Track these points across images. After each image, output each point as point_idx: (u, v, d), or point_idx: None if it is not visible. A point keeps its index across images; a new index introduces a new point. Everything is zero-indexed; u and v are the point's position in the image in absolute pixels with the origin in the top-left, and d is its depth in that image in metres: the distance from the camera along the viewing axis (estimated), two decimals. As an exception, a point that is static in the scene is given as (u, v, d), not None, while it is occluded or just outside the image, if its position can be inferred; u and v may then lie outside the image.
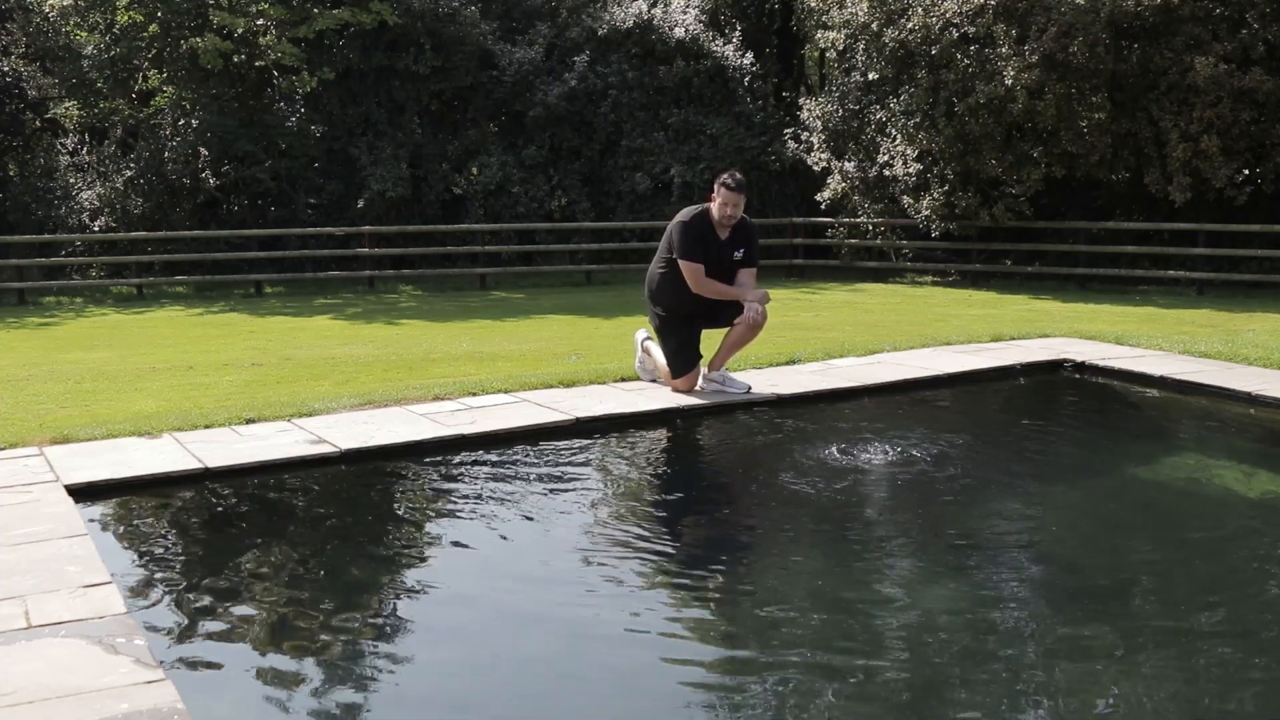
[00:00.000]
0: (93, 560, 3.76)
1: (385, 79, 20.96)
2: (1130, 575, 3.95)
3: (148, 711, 2.73)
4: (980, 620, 3.50)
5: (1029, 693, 3.05)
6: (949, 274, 18.76)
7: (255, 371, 9.12)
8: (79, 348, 11.63)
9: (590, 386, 6.60)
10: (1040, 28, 15.86)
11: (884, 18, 17.34)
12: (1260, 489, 5.05)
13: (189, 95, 20.50)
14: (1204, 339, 8.30)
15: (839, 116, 18.86)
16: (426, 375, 8.23)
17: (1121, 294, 16.04)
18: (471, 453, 5.36)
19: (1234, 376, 6.62)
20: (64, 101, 21.87)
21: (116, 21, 19.98)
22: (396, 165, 19.88)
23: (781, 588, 3.89)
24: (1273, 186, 16.01)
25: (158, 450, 5.20)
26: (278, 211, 20.09)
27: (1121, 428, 6.24)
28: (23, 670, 2.97)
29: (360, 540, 4.36)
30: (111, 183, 20.14)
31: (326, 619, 3.56)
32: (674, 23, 21.47)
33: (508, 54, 21.11)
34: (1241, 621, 3.47)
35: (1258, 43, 15.35)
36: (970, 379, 7.04)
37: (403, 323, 13.87)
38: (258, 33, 19.53)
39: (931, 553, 4.15)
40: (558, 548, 4.22)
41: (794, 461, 5.33)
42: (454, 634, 3.53)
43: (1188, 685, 3.09)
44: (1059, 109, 15.99)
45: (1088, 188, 17.86)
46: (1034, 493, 4.97)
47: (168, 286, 18.53)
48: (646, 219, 19.76)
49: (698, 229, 6.37)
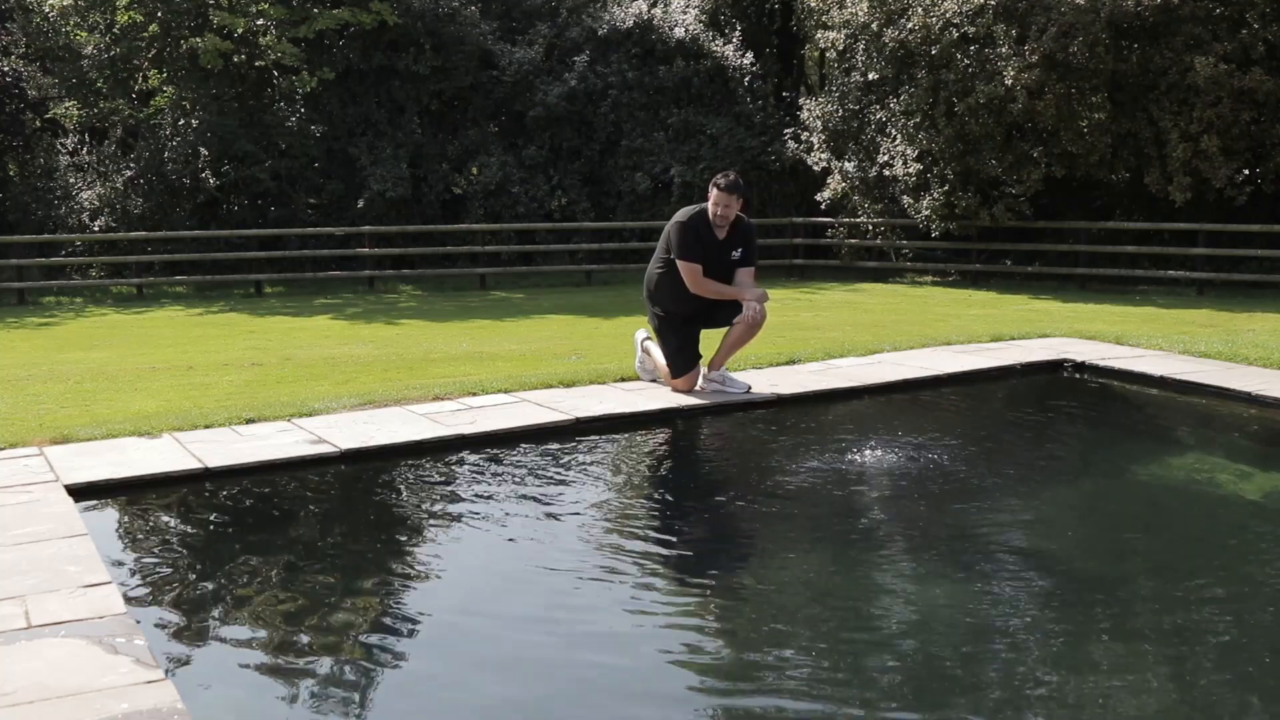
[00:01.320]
0: (93, 560, 3.76)
1: (385, 79, 20.96)
2: (1130, 575, 3.95)
3: (148, 711, 2.73)
4: (980, 620, 3.50)
5: (1029, 693, 3.04)
6: (949, 274, 18.77)
7: (255, 371, 9.12)
8: (79, 348, 11.63)
9: (590, 386, 6.59)
10: (1040, 28, 15.86)
11: (884, 18, 17.34)
12: (1260, 489, 5.05)
13: (189, 95, 20.51)
14: (1204, 339, 8.30)
15: (839, 116, 18.86)
16: (426, 375, 8.23)
17: (1121, 294, 16.04)
18: (471, 453, 5.36)
19: (1234, 376, 6.62)
20: (64, 101, 21.87)
21: (116, 21, 19.99)
22: (396, 165, 19.88)
23: (781, 588, 3.89)
24: (1273, 186, 16.01)
25: (158, 450, 5.19)
26: (278, 211, 20.10)
27: (1121, 428, 6.23)
28: (23, 670, 2.97)
29: (360, 540, 4.36)
30: (111, 183, 20.15)
31: (327, 618, 3.55)
32: (674, 23, 21.48)
33: (508, 54, 21.12)
34: (1242, 621, 3.47)
35: (1258, 43, 15.35)
36: (970, 379, 7.04)
37: (403, 323, 13.87)
38: (258, 33, 19.53)
39: (931, 553, 4.15)
40: (558, 548, 4.22)
41: (794, 461, 5.33)
42: (454, 634, 3.53)
43: (1188, 685, 3.09)
44: (1059, 109, 15.99)
45: (1088, 188, 17.86)
46: (1034, 493, 4.97)
47: (168, 286, 18.53)
48: (646, 219, 19.77)
49: (694, 229, 6.37)
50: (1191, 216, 16.23)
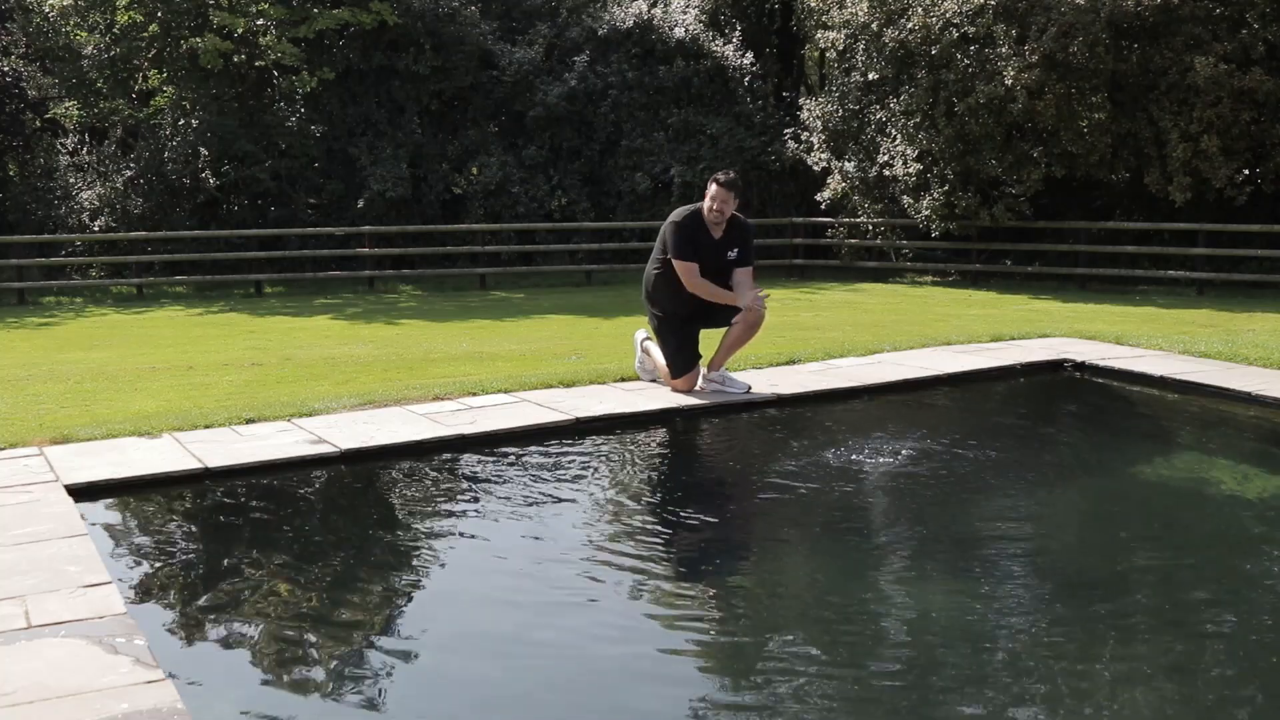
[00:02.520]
0: (93, 560, 3.76)
1: (385, 79, 20.96)
2: (1130, 575, 3.95)
3: (148, 711, 2.73)
4: (980, 620, 3.50)
5: (1029, 693, 3.05)
6: (949, 274, 18.76)
7: (255, 371, 9.12)
8: (79, 348, 11.62)
9: (590, 386, 6.59)
10: (1040, 28, 15.86)
11: (884, 18, 17.34)
12: (1260, 489, 5.05)
13: (189, 95, 20.50)
14: (1204, 339, 8.30)
15: (839, 116, 18.86)
16: (426, 375, 8.23)
17: (1121, 294, 16.04)
18: (471, 453, 5.36)
19: (1234, 376, 6.62)
20: (64, 101, 21.87)
21: (116, 21, 19.98)
22: (396, 165, 19.88)
23: (781, 588, 3.89)
24: (1273, 186, 16.01)
25: (158, 450, 5.19)
26: (278, 211, 20.09)
27: (1121, 428, 6.23)
28: (23, 670, 2.97)
29: (360, 540, 4.36)
30: (111, 183, 20.14)
31: (326, 619, 3.56)
32: (674, 23, 21.47)
33: (508, 54, 21.11)
34: (1242, 621, 3.47)
35: (1258, 43, 15.35)
36: (970, 379, 7.04)
37: (403, 323, 13.87)
38: (258, 33, 19.53)
39: (931, 552, 4.15)
40: (558, 548, 4.22)
41: (794, 461, 5.33)
42: (454, 634, 3.53)
43: (1188, 686, 3.09)
44: (1059, 109, 15.99)
45: (1088, 188, 17.85)
46: (1034, 493, 4.97)
47: (168, 286, 18.52)
48: (646, 219, 19.75)
49: (690, 228, 6.37)
50: (1191, 216, 16.22)
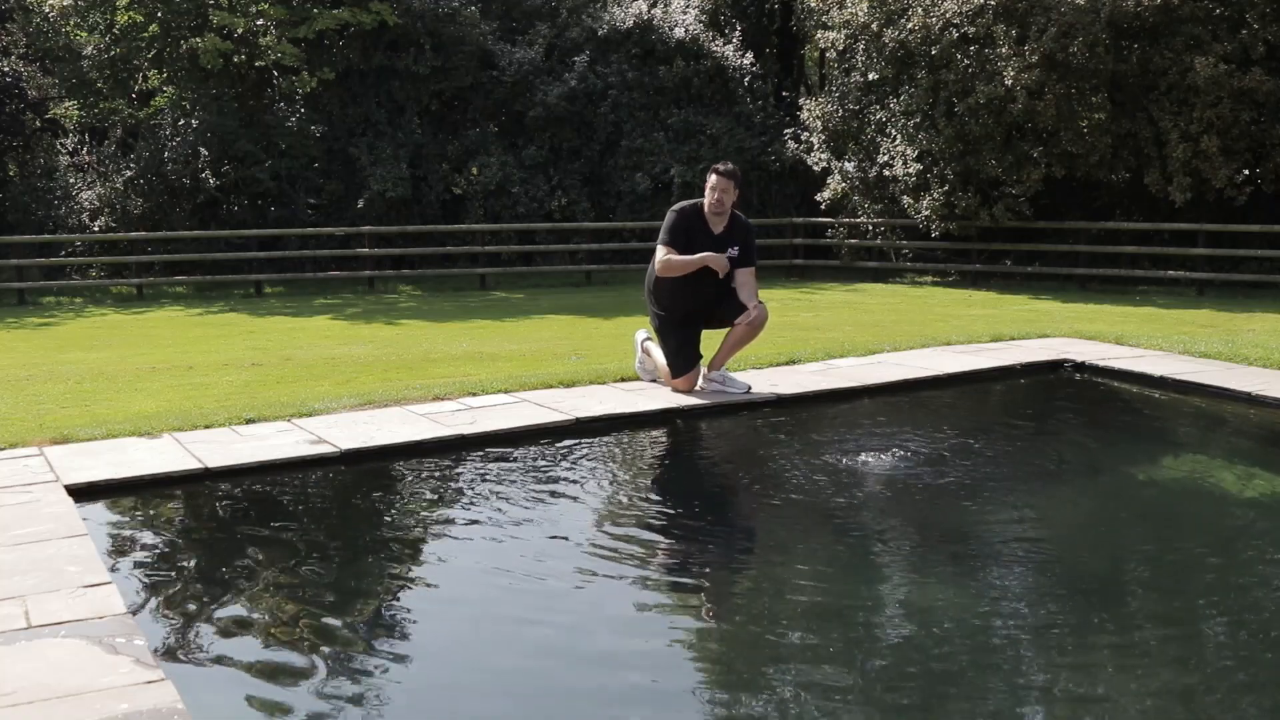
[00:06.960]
0: (93, 560, 3.76)
1: (385, 79, 20.97)
2: (1130, 575, 3.95)
3: (148, 711, 2.73)
4: (980, 621, 3.50)
5: (1029, 693, 3.04)
6: (949, 274, 18.76)
7: (255, 371, 9.12)
8: (79, 348, 11.62)
9: (590, 386, 6.59)
10: (1040, 28, 15.86)
11: (884, 18, 17.34)
12: (1260, 489, 5.05)
13: (189, 95, 20.51)
14: (1204, 339, 8.30)
15: (839, 116, 18.86)
16: (426, 375, 8.23)
17: (1121, 294, 16.04)
18: (471, 453, 5.36)
19: (1234, 376, 6.62)
20: (64, 101, 21.87)
21: (116, 22, 19.98)
22: (396, 165, 19.88)
23: (781, 588, 3.88)
24: (1273, 186, 16.01)
25: (158, 450, 5.19)
26: (278, 211, 20.09)
27: (1121, 428, 6.23)
28: (23, 670, 2.97)
29: (360, 540, 4.36)
30: (111, 183, 20.13)
31: (326, 619, 3.55)
32: (674, 23, 21.47)
33: (508, 54, 21.11)
34: (1242, 622, 3.47)
35: (1258, 43, 15.35)
36: (970, 379, 7.04)
37: (402, 323, 13.87)
38: (258, 33, 19.53)
39: (931, 553, 4.15)
40: (557, 548, 4.22)
41: (794, 462, 5.33)
42: (453, 634, 3.53)
43: (1188, 686, 3.09)
44: (1059, 109, 15.98)
45: (1088, 188, 17.85)
46: (1034, 493, 4.96)
47: (168, 286, 18.52)
48: (646, 219, 19.74)
49: (687, 218, 6.37)
50: (1191, 217, 16.22)
